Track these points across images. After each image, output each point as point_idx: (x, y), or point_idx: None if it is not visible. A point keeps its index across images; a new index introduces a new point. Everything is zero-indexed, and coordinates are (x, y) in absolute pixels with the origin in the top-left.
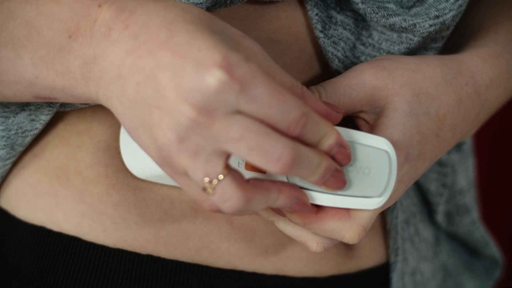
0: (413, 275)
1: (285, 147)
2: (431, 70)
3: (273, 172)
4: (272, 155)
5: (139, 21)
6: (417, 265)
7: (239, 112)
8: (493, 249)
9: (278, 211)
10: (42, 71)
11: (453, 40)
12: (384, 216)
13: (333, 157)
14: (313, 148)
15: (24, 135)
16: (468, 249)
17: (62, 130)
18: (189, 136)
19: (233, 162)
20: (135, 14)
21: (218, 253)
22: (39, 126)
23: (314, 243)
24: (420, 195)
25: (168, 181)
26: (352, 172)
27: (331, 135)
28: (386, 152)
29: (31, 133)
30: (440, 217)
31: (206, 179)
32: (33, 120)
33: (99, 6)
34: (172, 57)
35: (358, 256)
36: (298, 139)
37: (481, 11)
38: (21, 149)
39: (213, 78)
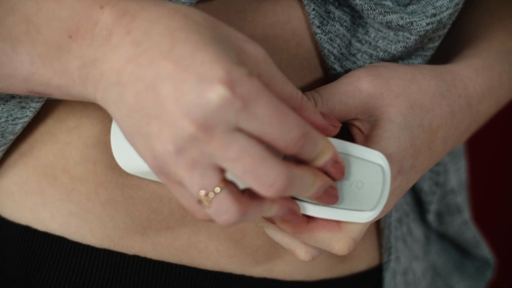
0: (405, 274)
1: (279, 175)
2: (426, 81)
3: (265, 196)
4: (265, 182)
5: (141, 27)
6: (409, 264)
7: (239, 129)
8: (484, 250)
9: (269, 219)
10: (39, 68)
11: (446, 47)
12: None
13: (326, 172)
14: (307, 167)
15: (14, 122)
16: (458, 249)
17: (51, 127)
18: (186, 149)
19: None
20: (137, 20)
21: (207, 253)
22: (29, 113)
23: (302, 252)
24: (413, 194)
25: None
26: (345, 185)
27: (327, 152)
28: (381, 166)
29: (22, 120)
30: (431, 217)
31: (202, 192)
32: (23, 107)
33: (101, 7)
34: (174, 69)
35: (350, 259)
36: (294, 156)
37: (475, 20)
38: (12, 137)
39: (215, 94)
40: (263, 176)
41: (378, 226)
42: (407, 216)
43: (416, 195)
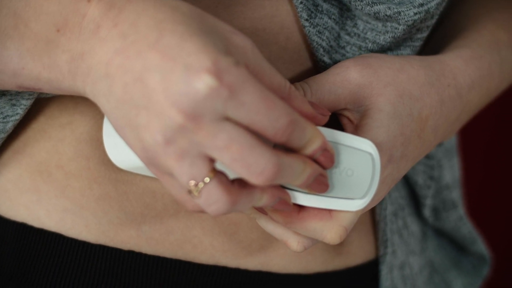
0: (401, 268)
1: (268, 162)
2: (415, 71)
3: (254, 184)
4: (254, 169)
5: (128, 19)
6: (405, 258)
7: (227, 119)
8: (480, 246)
9: (260, 209)
10: (28, 63)
11: (436, 40)
12: (373, 208)
13: (316, 160)
14: (296, 155)
15: (5, 120)
16: (455, 245)
17: (44, 124)
18: (175, 139)
19: None
20: (124, 12)
21: (201, 248)
22: (20, 111)
23: (294, 242)
24: (408, 188)
25: (150, 172)
26: (335, 174)
27: (316, 140)
28: (370, 154)
29: (13, 118)
30: (427, 212)
31: (192, 182)
32: (14, 105)
33: (88, 1)
34: (161, 60)
35: (346, 253)
36: (283, 144)
37: (465, 12)
38: (2, 135)
39: (202, 83)
40: (252, 164)
41: (373, 220)
42: (403, 210)
43: (411, 189)
